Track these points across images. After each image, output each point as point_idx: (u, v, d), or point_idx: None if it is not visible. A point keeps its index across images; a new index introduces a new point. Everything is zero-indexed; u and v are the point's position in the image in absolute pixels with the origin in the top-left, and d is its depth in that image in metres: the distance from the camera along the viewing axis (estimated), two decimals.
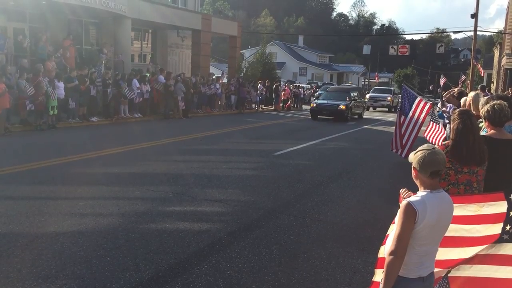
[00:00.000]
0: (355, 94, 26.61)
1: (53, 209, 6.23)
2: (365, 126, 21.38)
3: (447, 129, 9.50)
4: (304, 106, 31.91)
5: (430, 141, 10.55)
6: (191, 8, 28.51)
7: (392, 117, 27.58)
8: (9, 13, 17.92)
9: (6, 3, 17.11)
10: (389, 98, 33.77)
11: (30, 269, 4.35)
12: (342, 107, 23.95)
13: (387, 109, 33.79)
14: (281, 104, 29.16)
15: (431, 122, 10.55)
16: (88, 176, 8.47)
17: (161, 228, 5.74)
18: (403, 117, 11.23)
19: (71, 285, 4.08)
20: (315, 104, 25.18)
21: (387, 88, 42.20)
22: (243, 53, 46.98)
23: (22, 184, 7.60)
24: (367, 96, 34.25)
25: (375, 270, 2.73)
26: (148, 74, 20.40)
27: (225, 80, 27.38)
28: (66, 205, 6.47)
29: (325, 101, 25.22)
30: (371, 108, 33.74)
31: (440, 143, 9.67)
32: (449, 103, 8.53)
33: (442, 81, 37.18)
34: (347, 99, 25.02)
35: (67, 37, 18.41)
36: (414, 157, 2.65)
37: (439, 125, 10.20)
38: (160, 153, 11.16)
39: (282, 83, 33.14)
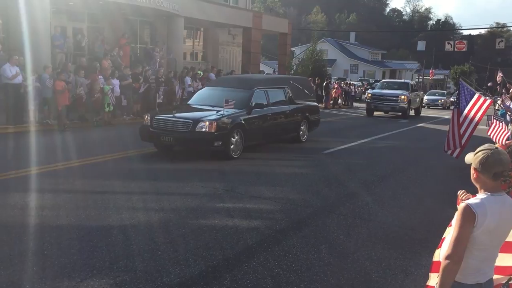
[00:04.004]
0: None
1: (108, 203, 6.43)
2: (419, 124, 20.77)
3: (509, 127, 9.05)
4: (355, 104, 31.41)
5: (494, 140, 10.04)
6: (242, 6, 28.67)
7: (446, 115, 26.67)
8: (69, 13, 18.70)
9: (66, 4, 17.87)
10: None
11: (86, 261, 4.51)
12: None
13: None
14: (331, 102, 28.80)
15: (495, 121, 10.02)
16: (141, 171, 8.69)
17: (210, 224, 5.81)
18: (459, 114, 10.56)
19: (123, 278, 4.19)
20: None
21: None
22: (294, 50, 46.80)
23: (79, 178, 7.90)
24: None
25: (429, 274, 2.62)
26: (200, 72, 20.69)
27: None
28: (120, 199, 6.67)
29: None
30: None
31: (503, 143, 9.21)
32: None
33: (499, 76, 35.63)
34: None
35: (122, 36, 18.99)
36: (474, 158, 2.52)
37: (503, 123, 9.67)
38: None
39: (332, 80, 32.75)
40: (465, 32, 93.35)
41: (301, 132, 12.90)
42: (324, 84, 28.75)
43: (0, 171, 7.80)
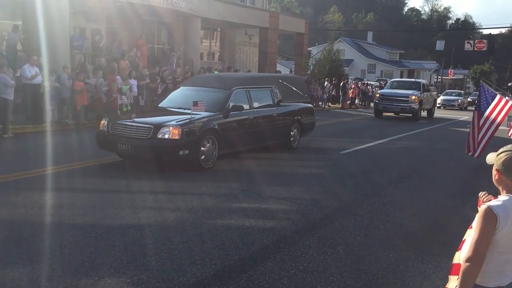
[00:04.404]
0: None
1: (125, 202, 6.48)
2: (437, 125, 20.53)
3: None
4: (372, 104, 31.18)
5: None
6: (259, 6, 28.70)
7: (464, 116, 26.32)
8: (88, 14, 18.92)
9: (85, 5, 18.08)
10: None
11: (103, 259, 4.54)
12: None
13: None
14: (348, 102, 28.63)
15: None
16: (156, 171, 8.74)
17: (227, 223, 5.81)
18: (480, 116, 10.43)
19: (140, 276, 4.21)
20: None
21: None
22: (310, 50, 46.64)
23: (97, 177, 7.99)
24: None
25: (449, 276, 2.58)
26: (217, 72, 20.75)
27: None
28: (137, 199, 6.72)
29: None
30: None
31: None
32: None
33: None
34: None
35: (140, 37, 19.15)
36: (497, 159, 2.46)
37: None
38: None
39: (349, 80, 32.56)
40: (485, 31, 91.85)
41: (291, 138, 11.45)
42: (341, 84, 28.60)
43: (20, 170, 7.92)
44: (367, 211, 6.68)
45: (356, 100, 29.60)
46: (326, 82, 27.32)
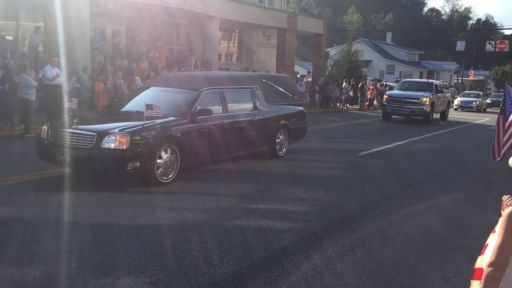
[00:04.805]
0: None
1: (144, 202, 6.53)
2: (457, 127, 20.25)
3: None
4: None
5: None
6: (277, 7, 28.70)
7: (480, 119, 25.96)
8: (108, 16, 19.15)
9: (105, 7, 18.30)
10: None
11: (122, 258, 4.58)
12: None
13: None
14: (366, 103, 28.44)
15: None
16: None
17: (244, 225, 5.81)
18: (504, 120, 10.16)
19: (159, 276, 4.24)
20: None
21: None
22: (328, 51, 46.45)
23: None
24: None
25: (471, 281, 2.53)
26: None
27: (309, 79, 27.22)
28: (155, 199, 6.76)
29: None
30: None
31: None
32: None
33: None
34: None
35: (159, 38, 19.30)
36: None
37: None
38: None
39: (368, 81, 32.32)
40: (507, 32, 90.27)
41: (277, 146, 10.18)
42: (360, 85, 28.42)
43: (39, 170, 8.03)
44: (386, 213, 6.61)
45: (375, 102, 29.37)
46: (344, 83, 27.17)
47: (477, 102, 33.79)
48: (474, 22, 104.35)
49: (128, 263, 4.48)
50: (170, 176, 7.57)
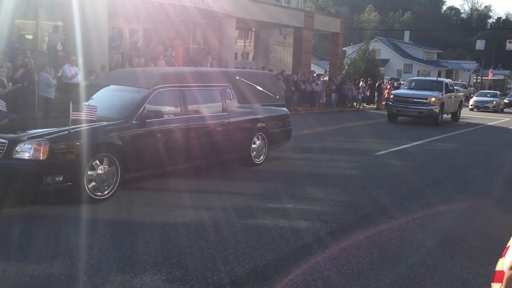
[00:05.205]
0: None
1: (160, 200, 6.58)
2: (477, 127, 19.97)
3: None
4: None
5: None
6: (294, 5, 28.60)
7: (495, 120, 25.58)
8: (126, 15, 19.30)
9: (123, 6, 18.46)
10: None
11: (139, 256, 4.62)
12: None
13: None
14: (383, 103, 28.20)
15: None
16: (190, 169, 8.81)
17: (260, 223, 5.80)
18: None
19: (175, 274, 4.26)
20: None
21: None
22: (345, 50, 46.18)
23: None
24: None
25: (492, 283, 2.49)
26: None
27: (326, 78, 27.10)
28: (172, 197, 6.81)
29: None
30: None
31: None
32: None
33: None
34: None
35: (176, 37, 19.40)
36: None
37: None
38: None
39: (385, 80, 32.05)
40: None
41: (253, 153, 9.00)
42: (377, 84, 28.20)
43: None
44: (403, 213, 6.55)
45: None
46: (361, 83, 26.99)
47: (494, 102, 32.74)
48: (494, 20, 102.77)
49: (145, 261, 4.51)
50: (106, 192, 6.34)
